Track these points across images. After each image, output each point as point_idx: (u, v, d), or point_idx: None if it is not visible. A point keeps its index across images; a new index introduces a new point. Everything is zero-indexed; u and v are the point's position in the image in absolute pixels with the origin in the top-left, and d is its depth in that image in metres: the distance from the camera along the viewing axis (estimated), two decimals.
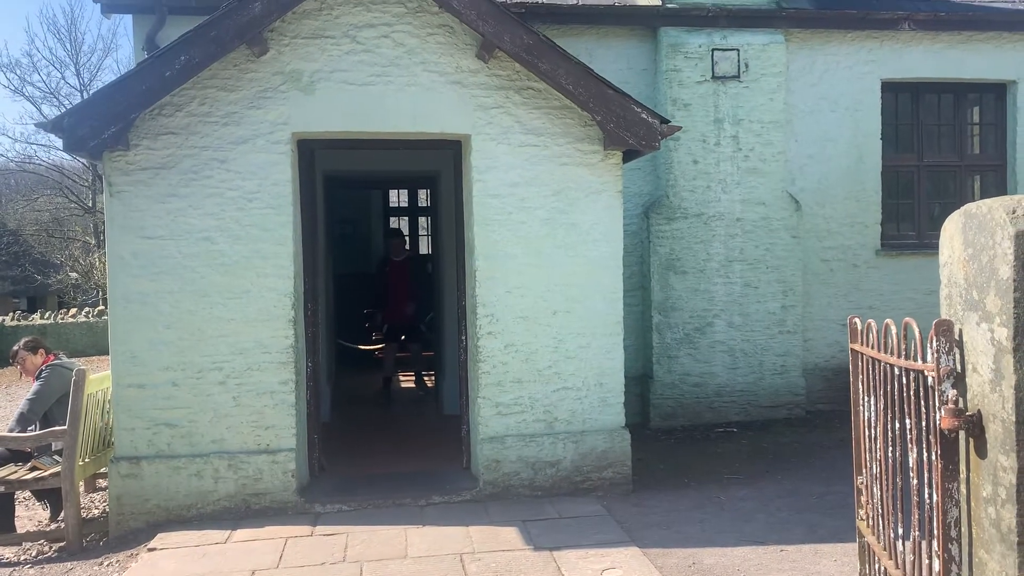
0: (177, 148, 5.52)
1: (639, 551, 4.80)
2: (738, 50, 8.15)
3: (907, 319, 3.10)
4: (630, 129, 5.71)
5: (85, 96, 35.18)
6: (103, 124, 5.24)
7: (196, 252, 5.53)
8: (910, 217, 9.01)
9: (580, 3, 7.98)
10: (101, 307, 24.96)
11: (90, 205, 36.17)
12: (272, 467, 5.58)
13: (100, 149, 5.37)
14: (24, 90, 46.87)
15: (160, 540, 5.18)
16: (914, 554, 3.11)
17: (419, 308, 9.98)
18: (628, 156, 6.14)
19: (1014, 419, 2.57)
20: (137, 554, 5.07)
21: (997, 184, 9.01)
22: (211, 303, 5.54)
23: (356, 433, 7.64)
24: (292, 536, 5.17)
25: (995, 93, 9.01)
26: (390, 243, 9.86)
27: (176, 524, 5.41)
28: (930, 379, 2.88)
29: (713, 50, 8.13)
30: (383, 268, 9.75)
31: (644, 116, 5.72)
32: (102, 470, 6.27)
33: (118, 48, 42.30)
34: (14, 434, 5.82)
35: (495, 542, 4.98)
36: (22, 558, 5.46)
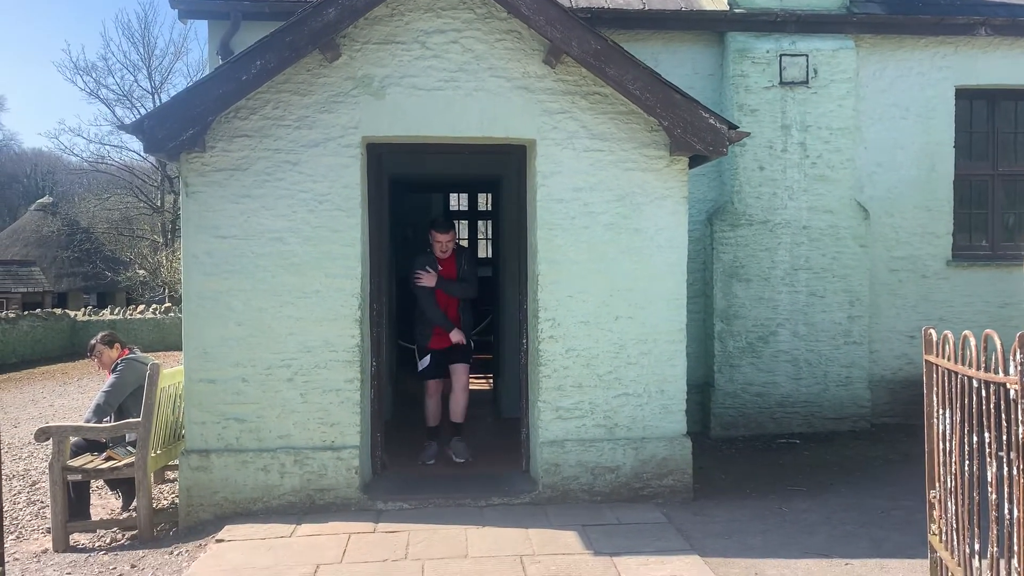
0: (251, 150, 5.66)
1: (700, 560, 4.76)
2: (807, 55, 8.04)
3: (988, 331, 3.04)
4: (697, 135, 5.68)
5: (157, 98, 36.37)
6: (181, 127, 5.40)
7: (268, 252, 5.67)
8: (983, 227, 8.77)
9: (647, 8, 7.96)
10: (168, 304, 25.67)
11: (159, 204, 37.27)
12: (336, 463, 5.67)
13: (178, 151, 5.53)
14: (99, 93, 48.44)
15: (228, 532, 5.30)
16: (992, 571, 3.04)
17: (476, 319, 7.40)
18: (694, 162, 6.10)
19: None
20: (206, 545, 5.21)
21: None
22: (281, 302, 5.67)
23: (417, 433, 7.72)
24: (355, 532, 5.25)
25: None
26: (433, 235, 6.64)
27: (243, 517, 5.54)
28: (1012, 392, 2.82)
29: (781, 55, 8.03)
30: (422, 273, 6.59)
31: (712, 121, 5.68)
32: (172, 462, 6.45)
33: (188, 52, 43.67)
34: (91, 424, 6.02)
35: (554, 545, 4.99)
36: (96, 544, 5.65)
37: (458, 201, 15.35)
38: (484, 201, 14.06)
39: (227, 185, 5.66)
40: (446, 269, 6.65)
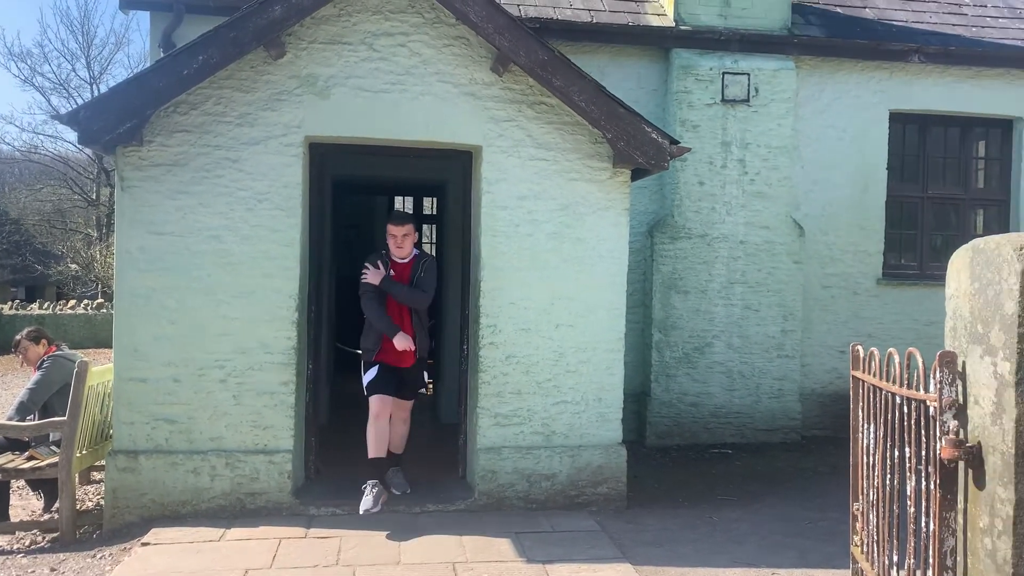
0: (190, 146, 5.56)
1: (631, 568, 4.82)
2: (748, 74, 8.22)
3: (911, 349, 3.14)
4: (640, 148, 5.76)
5: (95, 89, 35.37)
6: (118, 119, 5.28)
7: (204, 250, 5.56)
8: (912, 248, 9.06)
9: (594, 21, 8.05)
10: (101, 300, 24.95)
11: (94, 198, 36.22)
12: (269, 467, 5.59)
13: (114, 144, 5.40)
14: (34, 80, 47.07)
15: (154, 535, 5.18)
16: None
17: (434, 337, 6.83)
18: (636, 174, 6.18)
19: (1014, 452, 2.61)
20: (130, 548, 5.08)
21: (999, 219, 9.07)
22: (216, 301, 5.57)
23: (353, 437, 7.64)
24: (286, 537, 5.18)
25: (1001, 129, 9.09)
26: (388, 229, 5.80)
27: (171, 520, 5.42)
28: (932, 409, 2.91)
29: (724, 73, 8.19)
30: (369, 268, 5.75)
31: (654, 136, 5.77)
32: (98, 463, 6.28)
33: (130, 43, 42.54)
34: (13, 423, 5.83)
35: (488, 553, 4.99)
36: (15, 547, 5.46)
37: (403, 204, 15.28)
38: (430, 205, 14.03)
39: (164, 180, 5.54)
40: (399, 273, 5.77)
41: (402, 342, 5.63)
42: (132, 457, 5.49)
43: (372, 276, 5.69)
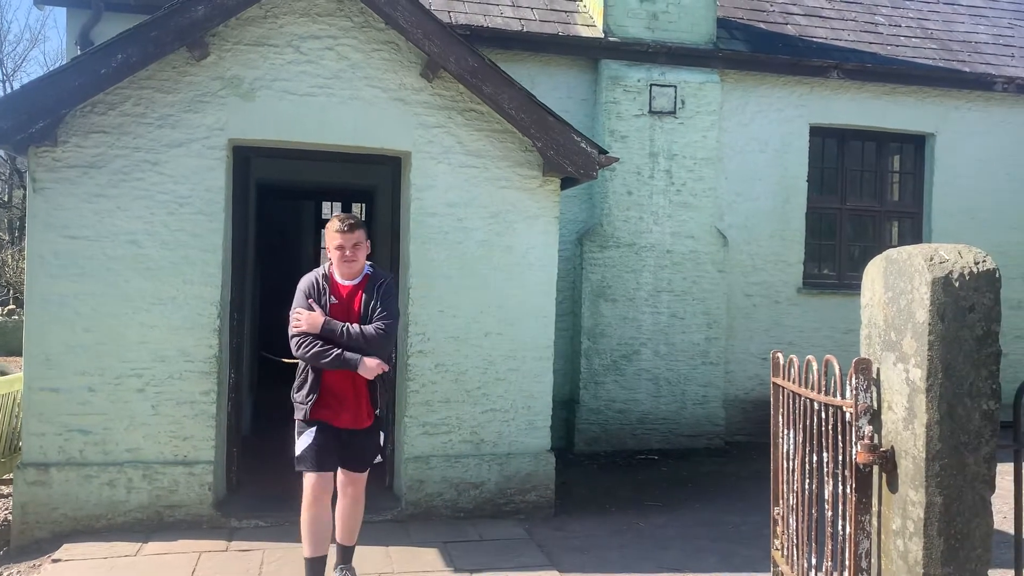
0: (108, 147, 5.37)
1: (558, 575, 4.83)
2: (675, 87, 8.37)
3: (828, 356, 3.22)
4: (569, 157, 5.80)
5: (8, 86, 33.92)
6: (30, 118, 5.07)
7: (121, 255, 5.38)
8: (831, 258, 9.35)
9: (524, 30, 8.09)
10: (12, 306, 23.92)
11: (6, 199, 34.70)
12: (189, 479, 5.43)
13: (26, 144, 5.19)
14: None
15: (66, 551, 4.97)
16: None
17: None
18: (566, 183, 6.22)
19: (924, 456, 2.70)
20: (40, 565, 4.87)
21: (913, 231, 9.44)
22: (134, 308, 5.39)
23: (277, 448, 7.48)
24: (206, 551, 5.03)
25: (915, 144, 9.46)
26: (330, 238, 4.27)
27: (84, 535, 5.21)
28: (848, 415, 3.00)
29: (651, 85, 8.32)
30: (316, 302, 4.23)
31: (583, 145, 5.82)
32: (6, 476, 6.00)
33: (46, 40, 40.79)
34: None
35: (415, 563, 4.94)
36: None
37: (331, 210, 15.08)
38: (359, 211, 13.88)
39: (80, 183, 5.34)
40: (345, 303, 4.23)
41: (374, 365, 4.12)
42: (43, 470, 5.26)
43: (308, 324, 4.13)
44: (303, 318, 4.16)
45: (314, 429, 4.22)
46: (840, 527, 3.05)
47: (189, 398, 5.46)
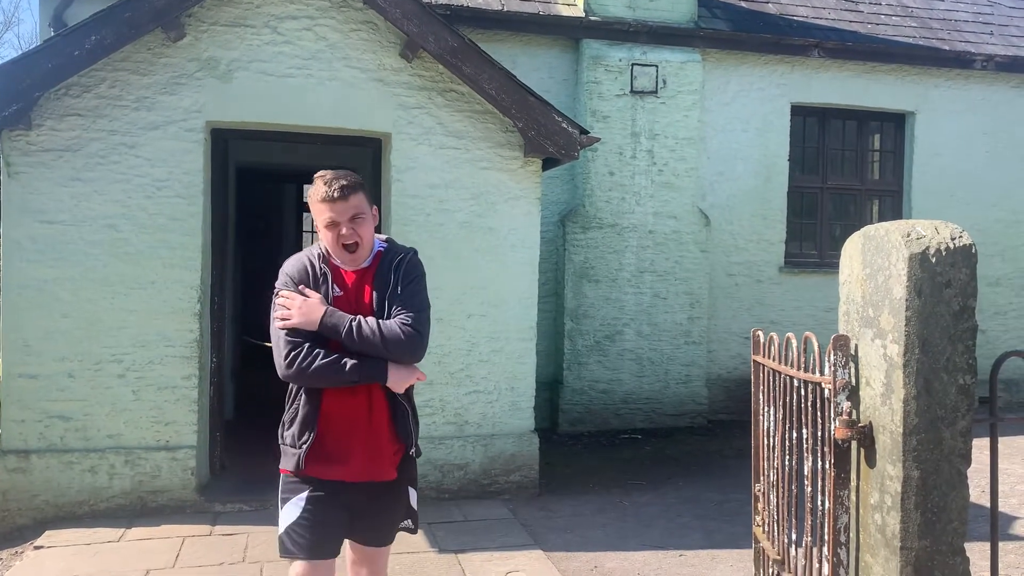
0: (84, 131, 5.31)
1: (543, 554, 4.86)
2: (657, 66, 8.35)
3: (807, 333, 3.24)
4: (550, 138, 5.78)
5: None
6: (3, 101, 5.01)
7: (100, 239, 5.33)
8: (812, 237, 9.39)
9: (505, 9, 8.03)
10: None
11: None
12: (171, 464, 5.41)
13: None
14: None
15: (48, 538, 4.95)
16: (806, 559, 3.25)
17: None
18: (547, 164, 6.21)
19: (902, 431, 2.72)
20: (22, 552, 4.85)
21: (894, 208, 9.49)
22: (113, 293, 5.35)
23: (259, 432, 7.46)
24: (190, 535, 5.03)
25: (895, 122, 9.49)
26: (318, 208, 2.86)
27: (67, 521, 5.19)
28: (827, 391, 3.02)
29: (633, 64, 8.30)
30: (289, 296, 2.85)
31: (564, 126, 5.80)
32: None
33: (20, 23, 40.29)
34: None
35: (399, 544, 4.88)
36: None
37: None
38: None
39: (55, 167, 5.28)
40: (351, 292, 2.92)
41: (408, 374, 2.94)
42: (23, 457, 5.23)
43: (301, 314, 2.78)
44: (294, 305, 2.78)
45: (305, 494, 2.84)
46: (819, 502, 3.08)
47: (170, 383, 5.43)
